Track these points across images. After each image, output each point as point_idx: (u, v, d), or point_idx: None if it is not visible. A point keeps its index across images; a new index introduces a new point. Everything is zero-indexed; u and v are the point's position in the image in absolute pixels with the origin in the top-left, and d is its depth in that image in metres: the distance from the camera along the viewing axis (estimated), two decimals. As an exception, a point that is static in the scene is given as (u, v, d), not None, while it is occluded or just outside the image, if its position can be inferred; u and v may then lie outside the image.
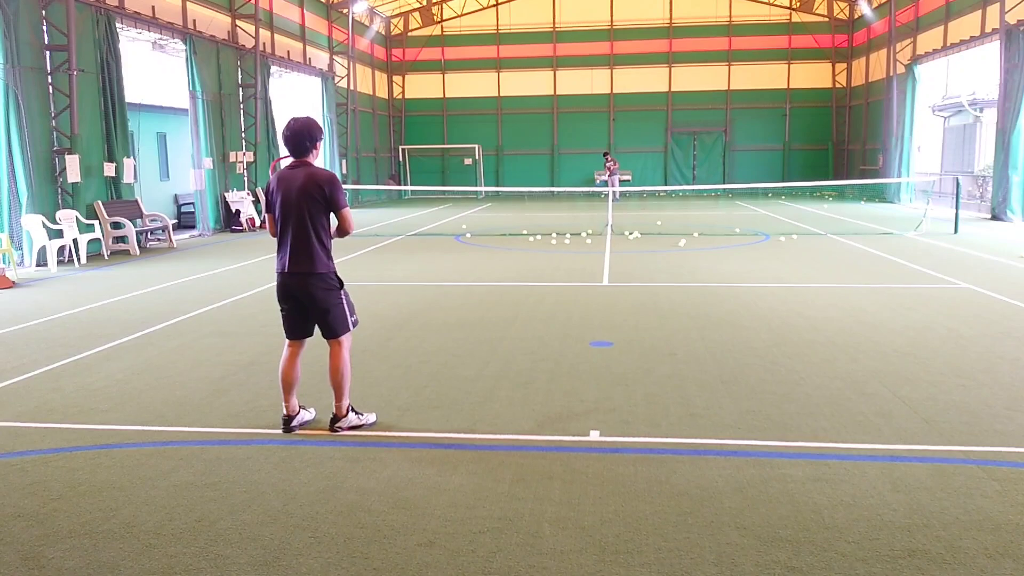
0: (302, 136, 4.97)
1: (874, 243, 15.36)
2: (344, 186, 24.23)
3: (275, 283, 5.20)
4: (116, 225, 15.37)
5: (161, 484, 4.38)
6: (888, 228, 18.28)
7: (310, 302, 5.05)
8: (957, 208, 17.64)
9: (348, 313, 5.17)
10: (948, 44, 24.28)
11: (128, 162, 16.33)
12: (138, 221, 16.21)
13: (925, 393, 5.85)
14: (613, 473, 4.45)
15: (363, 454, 4.80)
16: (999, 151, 20.16)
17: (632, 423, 5.29)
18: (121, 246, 15.52)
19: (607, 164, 29.84)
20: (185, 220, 21.56)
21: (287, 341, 5.24)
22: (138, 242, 15.64)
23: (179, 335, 8.14)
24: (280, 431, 5.18)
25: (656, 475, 4.42)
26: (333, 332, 5.13)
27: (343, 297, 5.15)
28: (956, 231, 16.91)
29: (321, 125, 5.27)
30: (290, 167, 5.04)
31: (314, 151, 5.05)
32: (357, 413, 5.28)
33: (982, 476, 4.35)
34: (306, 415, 5.32)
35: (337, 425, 5.19)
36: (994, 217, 20.40)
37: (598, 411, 5.55)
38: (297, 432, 5.18)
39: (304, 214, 4.94)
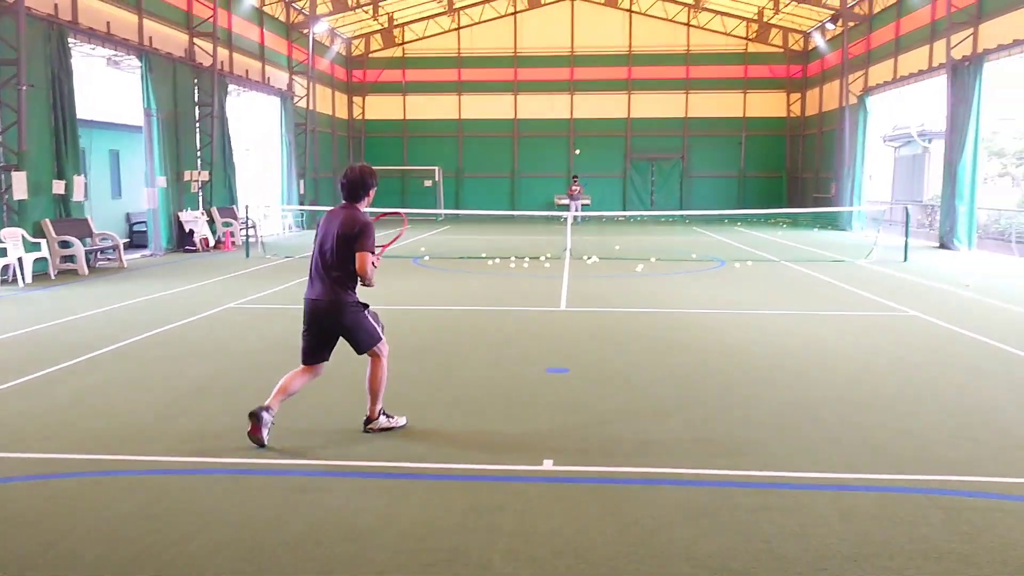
0: (357, 185, 5.46)
1: (827, 270, 15.66)
2: (301, 207, 23.54)
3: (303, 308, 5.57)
4: (64, 244, 15.00)
5: (103, 515, 4.24)
6: (840, 255, 18.66)
7: (337, 327, 5.44)
8: (907, 237, 18.09)
9: (375, 324, 5.55)
10: (898, 77, 25.02)
11: (78, 180, 15.99)
12: (88, 240, 15.84)
13: (874, 420, 5.94)
14: (566, 503, 4.43)
15: (312, 484, 4.71)
16: (946, 182, 20.76)
17: (586, 451, 5.27)
18: (69, 265, 15.15)
19: (572, 187, 30.36)
20: (137, 239, 21.12)
21: (302, 366, 5.54)
22: (87, 261, 15.28)
23: (127, 359, 7.93)
24: (228, 459, 5.06)
25: (609, 505, 4.40)
26: (365, 346, 5.51)
27: (367, 316, 5.50)
28: (906, 259, 17.32)
29: (373, 171, 5.67)
30: (341, 207, 5.52)
31: (366, 198, 5.53)
32: (388, 416, 5.68)
33: (928, 505, 4.41)
34: (269, 422, 5.28)
35: (369, 427, 5.61)
36: (942, 246, 20.96)
37: (552, 439, 5.53)
38: (243, 463, 5.05)
39: (336, 249, 5.33)
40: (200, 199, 21.29)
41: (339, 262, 5.32)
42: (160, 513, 4.26)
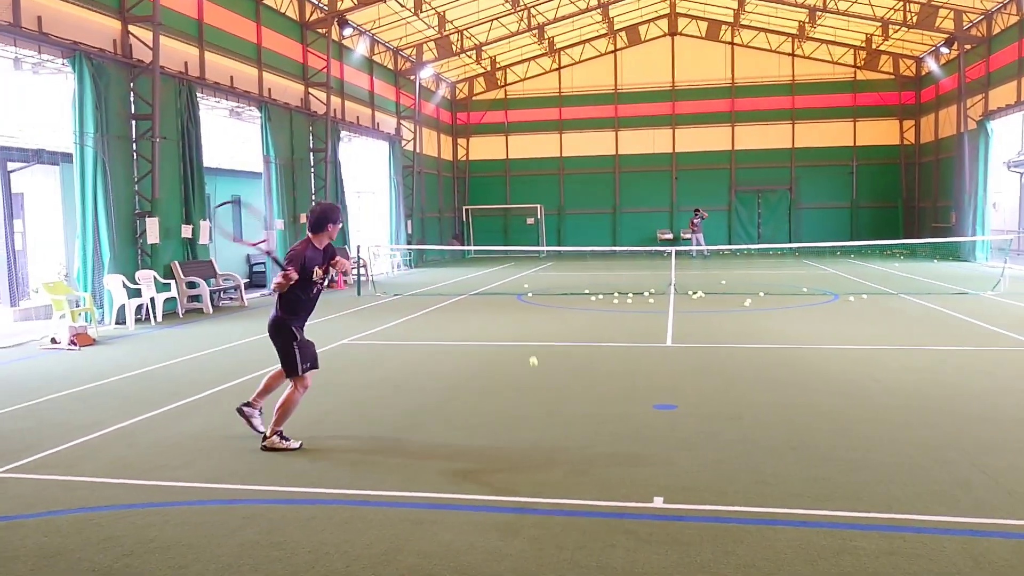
0: (319, 219, 6.15)
1: (949, 303, 14.87)
2: (408, 246, 24.21)
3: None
4: (191, 284, 15.94)
5: (227, 543, 4.46)
6: (964, 288, 17.68)
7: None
8: (1037, 267, 17.01)
9: (299, 357, 6.22)
10: (1022, 99, 23.73)
11: (204, 224, 17.01)
12: (212, 281, 16.78)
13: (1006, 462, 5.59)
14: (677, 541, 4.36)
15: (426, 516, 4.80)
16: (1080, 208, 19.46)
17: (696, 490, 5.18)
18: (195, 305, 16.07)
19: (694, 220, 31.10)
20: (256, 279, 22.22)
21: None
22: (211, 301, 16.17)
23: (249, 393, 8.30)
24: (343, 490, 5.24)
25: (722, 544, 4.30)
26: (286, 371, 6.35)
27: (295, 346, 6.21)
28: (1037, 291, 16.27)
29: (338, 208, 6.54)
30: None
31: (324, 232, 6.14)
32: (284, 438, 6.26)
33: (1072, 554, 4.11)
34: (258, 424, 6.48)
35: (264, 444, 6.23)
36: (1078, 276, 19.59)
37: (662, 477, 5.45)
38: (361, 494, 5.22)
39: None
40: (314, 240, 22.17)
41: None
42: (281, 542, 4.45)
